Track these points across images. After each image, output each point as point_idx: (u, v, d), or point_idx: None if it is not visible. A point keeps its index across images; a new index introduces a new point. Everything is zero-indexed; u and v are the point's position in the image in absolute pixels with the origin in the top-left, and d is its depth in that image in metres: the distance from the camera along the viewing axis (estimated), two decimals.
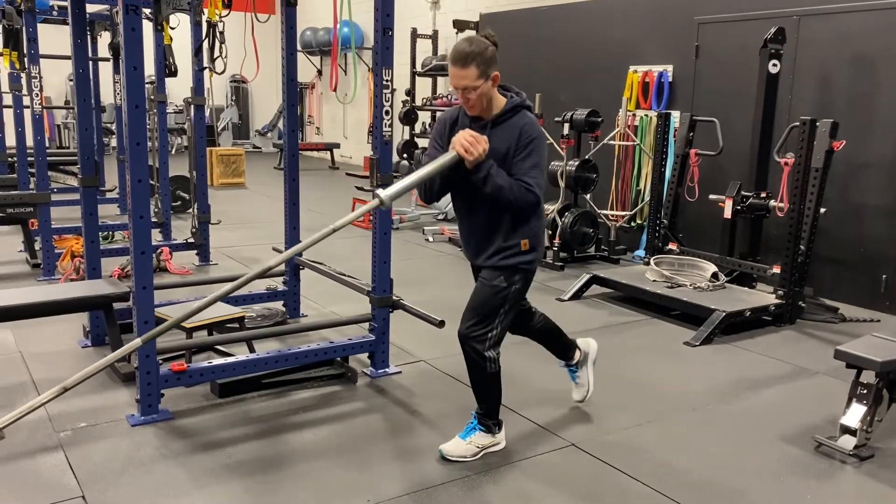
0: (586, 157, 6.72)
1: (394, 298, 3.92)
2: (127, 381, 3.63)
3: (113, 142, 11.49)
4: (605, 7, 7.60)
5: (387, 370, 3.95)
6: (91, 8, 6.14)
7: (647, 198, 6.78)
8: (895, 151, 5.25)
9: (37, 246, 5.89)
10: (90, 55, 6.54)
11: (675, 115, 6.20)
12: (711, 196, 5.58)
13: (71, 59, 4.20)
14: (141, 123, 3.15)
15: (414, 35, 11.20)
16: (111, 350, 3.79)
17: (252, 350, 3.88)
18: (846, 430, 3.19)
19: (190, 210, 6.53)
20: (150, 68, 5.02)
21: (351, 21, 4.73)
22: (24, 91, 6.69)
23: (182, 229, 7.03)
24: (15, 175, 7.08)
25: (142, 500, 2.70)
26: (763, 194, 5.34)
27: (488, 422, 3.06)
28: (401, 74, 9.92)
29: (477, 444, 3.04)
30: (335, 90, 5.74)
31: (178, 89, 11.57)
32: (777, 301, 4.99)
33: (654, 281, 5.37)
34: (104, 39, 7.60)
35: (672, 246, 5.85)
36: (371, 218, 3.92)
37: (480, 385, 3.02)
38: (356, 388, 3.77)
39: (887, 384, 3.19)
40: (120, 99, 7.36)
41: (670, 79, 6.87)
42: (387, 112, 3.71)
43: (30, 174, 6.45)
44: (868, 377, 3.19)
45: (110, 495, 2.72)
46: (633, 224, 7.22)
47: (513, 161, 2.82)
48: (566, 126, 6.63)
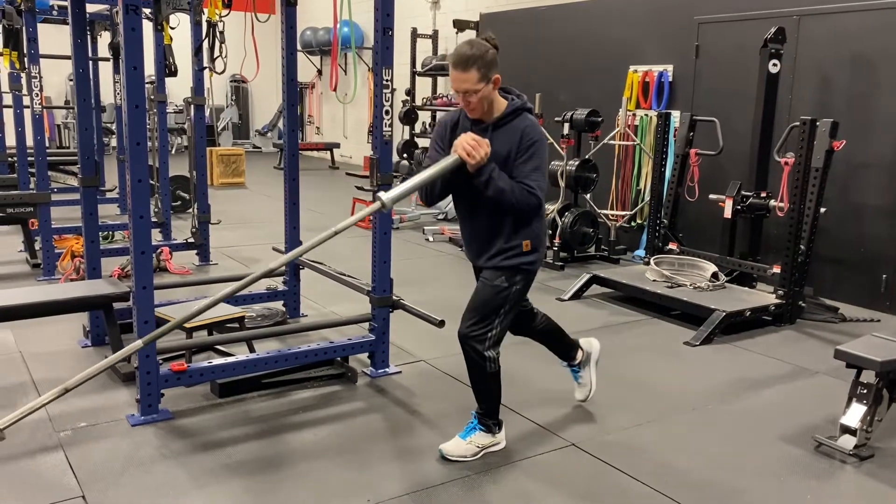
0: (586, 157, 6.72)
1: (394, 298, 3.92)
2: (127, 381, 3.63)
3: (113, 142, 11.49)
4: (605, 7, 7.60)
5: (387, 370, 3.95)
6: (91, 8, 6.14)
7: (647, 197, 6.78)
8: (895, 151, 5.26)
9: (37, 246, 5.89)
10: (90, 55, 6.54)
11: (675, 115, 6.20)
12: (711, 196, 5.58)
13: (71, 59, 4.20)
14: (141, 123, 3.15)
15: (414, 35, 11.21)
16: (111, 350, 3.79)
17: (252, 350, 3.88)
18: (846, 430, 3.19)
19: (190, 210, 6.53)
20: (150, 68, 5.02)
21: (351, 21, 4.73)
22: (24, 91, 6.69)
23: (182, 229, 7.03)
24: (15, 175, 7.07)
25: (142, 500, 2.70)
26: (763, 194, 5.34)
27: (488, 421, 3.06)
28: (401, 74, 9.93)
29: (477, 444, 3.04)
30: (335, 90, 5.73)
31: (178, 89, 11.56)
32: (777, 301, 4.99)
33: (654, 281, 5.37)
34: (104, 39, 7.60)
35: (672, 246, 5.85)
36: (371, 218, 3.91)
37: (480, 385, 3.02)
38: (356, 388, 3.77)
39: (887, 384, 3.19)
40: (120, 99, 7.36)
41: (670, 78, 6.87)
42: (387, 112, 3.71)
43: (30, 174, 6.45)
44: (868, 377, 3.19)
45: (110, 495, 2.72)
46: (634, 224, 7.22)
47: (514, 164, 2.82)
48: (566, 126, 6.63)
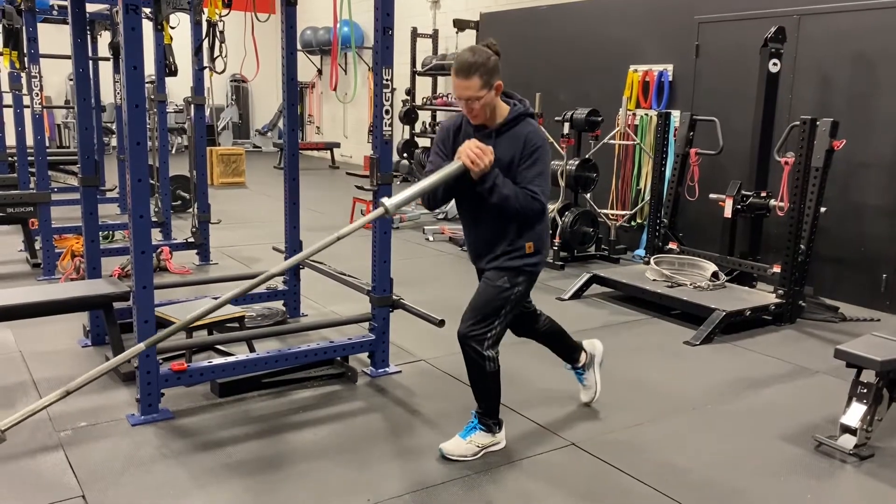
0: (586, 157, 6.72)
1: (394, 298, 3.92)
2: (127, 381, 3.63)
3: (113, 141, 11.48)
4: (605, 6, 7.60)
5: (387, 370, 3.95)
6: (91, 7, 6.14)
7: (648, 197, 6.78)
8: (895, 151, 5.26)
9: (37, 245, 5.89)
10: (90, 55, 6.55)
11: (676, 115, 6.20)
12: (712, 195, 5.58)
13: (71, 59, 4.20)
14: (141, 123, 3.15)
15: (414, 34, 11.21)
16: (111, 349, 3.80)
17: (252, 349, 3.88)
18: (846, 430, 3.19)
19: (190, 209, 6.54)
20: (150, 68, 5.02)
21: (351, 20, 4.73)
22: (25, 91, 6.69)
23: (182, 229, 7.03)
24: (15, 174, 7.07)
25: (142, 500, 2.70)
26: (763, 193, 5.34)
27: (488, 421, 3.06)
28: (401, 74, 9.94)
29: (477, 444, 3.05)
30: (335, 89, 5.73)
31: (179, 89, 11.57)
32: (777, 300, 4.99)
33: (655, 280, 5.37)
34: (104, 39, 7.60)
35: (672, 245, 5.85)
36: None
37: (480, 384, 3.02)
38: (356, 388, 3.77)
39: (887, 383, 3.19)
40: (120, 98, 7.35)
41: (670, 78, 6.87)
42: (387, 111, 3.71)
43: (30, 174, 6.45)
44: (868, 376, 3.19)
45: (110, 495, 2.72)
46: (634, 223, 7.22)
47: (518, 170, 2.84)
48: (566, 125, 6.63)
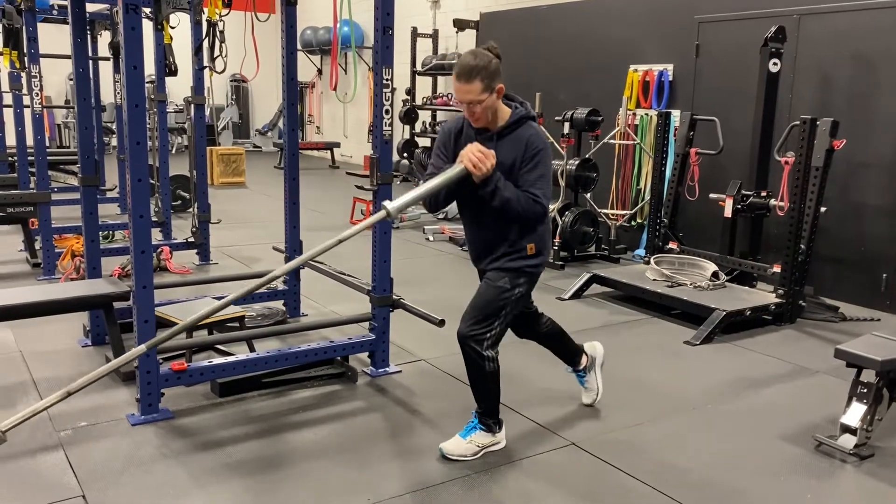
0: (586, 157, 6.72)
1: (394, 297, 3.92)
2: (127, 381, 3.63)
3: (113, 141, 11.47)
4: (606, 6, 7.59)
5: (387, 369, 3.95)
6: (91, 7, 6.14)
7: (648, 197, 6.78)
8: (895, 151, 5.25)
9: (37, 245, 5.89)
10: (90, 54, 6.55)
11: (676, 114, 6.19)
12: (712, 195, 5.57)
13: (71, 59, 4.20)
14: (141, 122, 3.15)
15: (414, 34, 11.21)
16: (111, 349, 3.80)
17: (252, 349, 3.88)
18: (846, 429, 3.19)
19: (190, 209, 6.53)
20: (151, 67, 5.02)
21: (351, 20, 4.73)
22: (25, 90, 6.69)
23: (182, 228, 7.03)
24: (15, 174, 7.07)
25: (142, 500, 2.70)
26: (763, 193, 5.34)
27: (488, 421, 3.06)
28: (401, 74, 9.94)
29: (477, 443, 3.05)
30: (335, 89, 5.74)
31: (179, 88, 11.58)
32: (777, 300, 4.99)
33: (655, 280, 5.37)
34: (104, 38, 7.60)
35: (672, 245, 5.84)
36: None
37: (479, 384, 3.02)
38: (356, 388, 3.77)
39: (887, 383, 3.19)
40: (120, 98, 7.35)
41: (670, 78, 6.87)
42: (387, 111, 3.71)
43: (30, 173, 6.45)
44: (868, 376, 3.19)
45: (110, 494, 2.72)
46: (634, 223, 7.21)
47: (519, 173, 2.85)
48: (566, 125, 6.63)
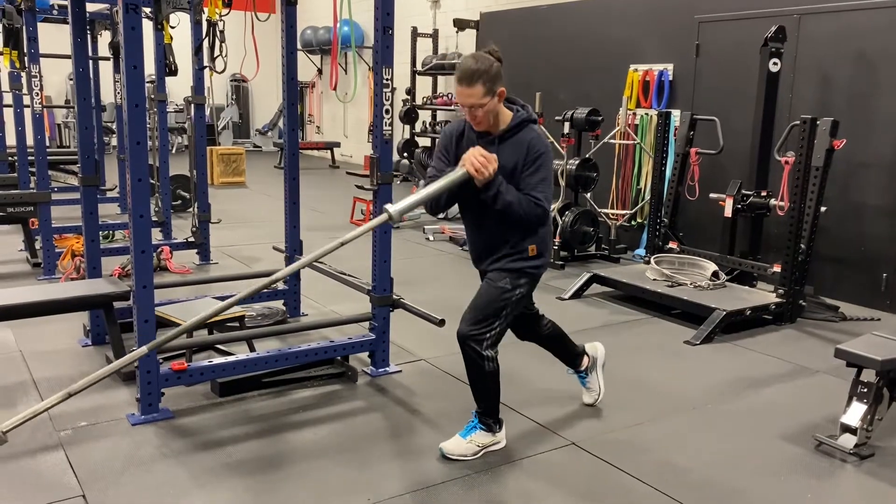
0: (587, 156, 6.72)
1: (394, 297, 3.92)
2: (127, 380, 3.63)
3: (113, 141, 11.47)
4: (606, 6, 7.59)
5: (387, 369, 3.95)
6: (91, 7, 6.14)
7: (648, 197, 6.78)
8: (895, 150, 5.25)
9: (37, 245, 5.89)
10: (90, 54, 6.54)
11: (676, 114, 6.19)
12: (712, 195, 5.57)
13: (71, 58, 4.20)
14: (141, 122, 3.15)
15: (414, 34, 11.21)
16: (112, 349, 3.80)
17: (252, 349, 3.88)
18: (847, 429, 3.19)
19: (190, 209, 6.54)
20: (151, 67, 5.02)
21: (351, 20, 4.73)
22: (25, 90, 6.69)
23: (182, 228, 7.03)
24: (15, 174, 7.07)
25: (142, 499, 2.70)
26: (763, 193, 5.34)
27: (488, 420, 3.07)
28: (401, 73, 9.94)
29: (477, 443, 3.05)
30: (335, 89, 5.74)
31: (179, 88, 11.58)
32: (777, 300, 4.99)
33: (655, 280, 5.37)
34: (104, 38, 7.60)
35: (672, 245, 5.84)
36: (372, 216, 3.92)
37: (479, 384, 3.02)
38: (356, 387, 3.77)
39: (888, 383, 3.19)
40: (120, 98, 7.35)
41: (671, 77, 6.87)
42: (387, 111, 3.71)
43: (30, 173, 6.45)
44: (868, 376, 3.19)
45: (111, 494, 2.72)
46: (634, 223, 7.21)
47: (521, 176, 2.85)
48: (566, 125, 6.63)
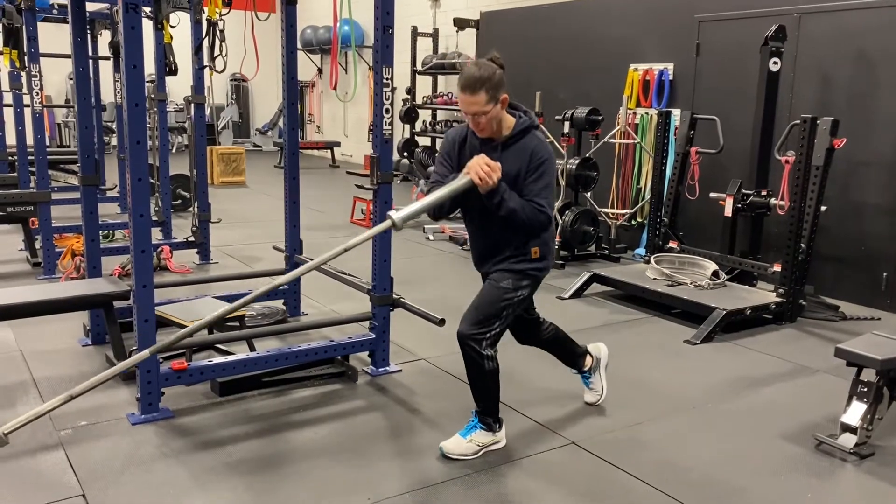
0: (587, 156, 6.72)
1: (394, 297, 3.91)
2: (127, 380, 3.63)
3: (113, 140, 11.48)
4: (606, 5, 7.59)
5: (387, 368, 3.95)
6: (91, 6, 6.13)
7: (648, 196, 6.78)
8: (895, 150, 5.26)
9: (37, 245, 5.89)
10: (90, 54, 6.54)
11: (676, 114, 6.20)
12: (712, 194, 5.57)
13: (71, 58, 4.20)
14: (141, 122, 3.15)
15: (414, 33, 11.21)
16: (112, 348, 3.80)
17: (252, 348, 3.88)
18: (847, 429, 3.19)
19: (190, 209, 6.54)
20: (151, 67, 5.02)
21: (351, 19, 4.73)
22: (25, 90, 6.69)
23: (182, 228, 7.03)
24: (15, 174, 7.07)
25: (142, 499, 2.70)
26: (764, 192, 5.34)
27: (489, 420, 3.07)
28: (401, 73, 9.95)
29: (477, 443, 3.05)
30: (335, 88, 5.74)
31: (179, 88, 11.58)
32: (778, 299, 4.99)
33: (655, 279, 5.37)
34: (104, 38, 7.59)
35: (672, 244, 5.84)
36: (372, 216, 3.92)
37: (478, 383, 3.02)
38: (356, 387, 3.77)
39: (888, 382, 3.19)
40: (120, 97, 7.34)
41: (671, 77, 6.87)
42: (387, 110, 3.71)
43: (30, 173, 6.45)
44: (868, 375, 3.19)
45: (111, 494, 2.72)
46: (634, 222, 7.21)
47: (524, 183, 2.87)
48: (566, 124, 6.62)
